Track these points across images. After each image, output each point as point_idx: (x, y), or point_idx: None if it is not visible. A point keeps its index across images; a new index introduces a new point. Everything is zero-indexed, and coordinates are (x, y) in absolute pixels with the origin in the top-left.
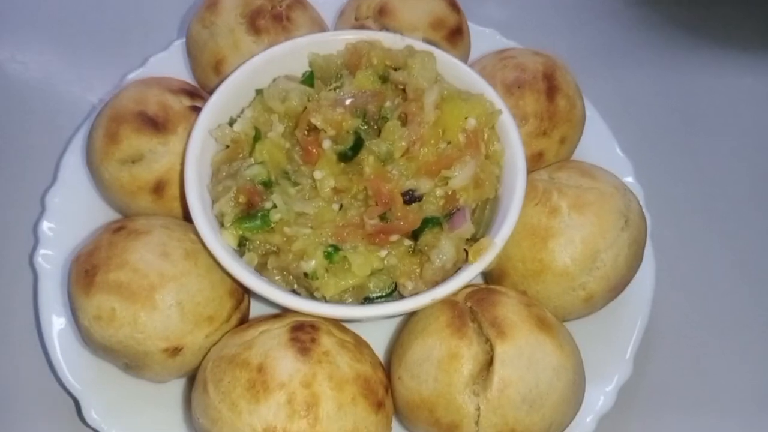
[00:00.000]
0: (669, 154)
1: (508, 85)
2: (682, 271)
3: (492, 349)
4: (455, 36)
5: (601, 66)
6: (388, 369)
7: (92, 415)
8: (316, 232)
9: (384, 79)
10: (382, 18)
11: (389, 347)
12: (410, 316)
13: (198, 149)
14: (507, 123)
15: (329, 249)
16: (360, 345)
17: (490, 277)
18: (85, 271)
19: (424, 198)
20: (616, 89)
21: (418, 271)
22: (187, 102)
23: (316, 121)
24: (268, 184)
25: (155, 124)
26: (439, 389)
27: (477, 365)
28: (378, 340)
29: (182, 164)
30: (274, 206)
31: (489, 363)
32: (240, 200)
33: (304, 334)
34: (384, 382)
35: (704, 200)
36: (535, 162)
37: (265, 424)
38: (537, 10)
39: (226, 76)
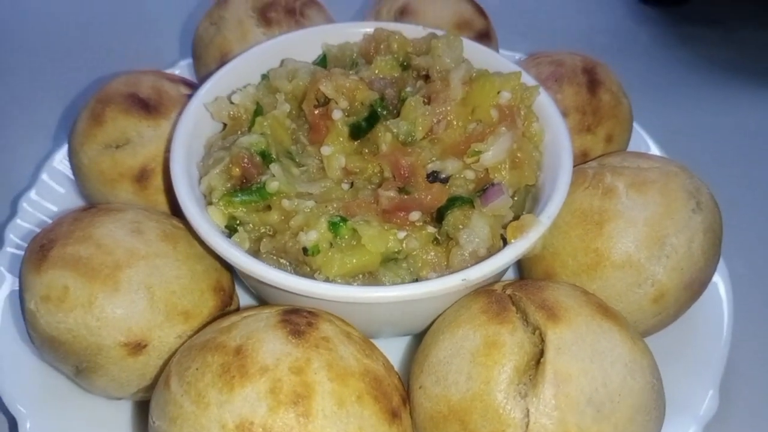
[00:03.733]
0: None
1: (544, 80)
2: (759, 303)
3: (542, 338)
4: (483, 40)
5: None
6: (406, 386)
7: None
8: (321, 206)
9: (404, 66)
10: (404, 18)
11: (405, 370)
12: (431, 324)
13: (191, 123)
14: (546, 104)
15: (335, 219)
16: (369, 343)
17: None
18: (40, 247)
19: (450, 180)
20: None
21: (444, 261)
22: (184, 91)
23: (326, 89)
24: (267, 157)
25: (146, 106)
26: (474, 390)
27: (523, 356)
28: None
29: (170, 138)
30: (273, 177)
31: (539, 355)
32: (233, 173)
33: (299, 317)
34: (400, 391)
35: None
36: (579, 162)
37: (238, 418)
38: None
39: (232, 58)
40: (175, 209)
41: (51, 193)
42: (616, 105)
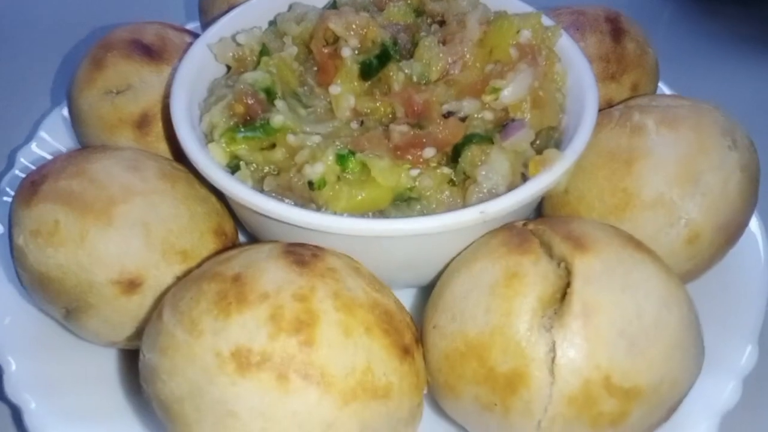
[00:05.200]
0: None
1: (565, 29)
2: None
3: (568, 269)
4: None
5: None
6: (419, 330)
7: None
8: (328, 140)
9: (418, 13)
10: None
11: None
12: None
13: (194, 64)
14: (568, 46)
15: (343, 151)
16: (379, 280)
17: None
18: (32, 182)
19: (467, 121)
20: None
21: (460, 201)
22: (189, 40)
23: (336, 26)
24: (272, 95)
25: (149, 52)
26: (493, 324)
27: (548, 287)
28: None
29: (171, 79)
30: (278, 112)
31: (565, 288)
32: (236, 110)
33: (304, 249)
34: (413, 329)
35: None
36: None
37: (234, 344)
38: None
39: (240, 4)
40: (177, 155)
41: (49, 147)
42: (642, 54)
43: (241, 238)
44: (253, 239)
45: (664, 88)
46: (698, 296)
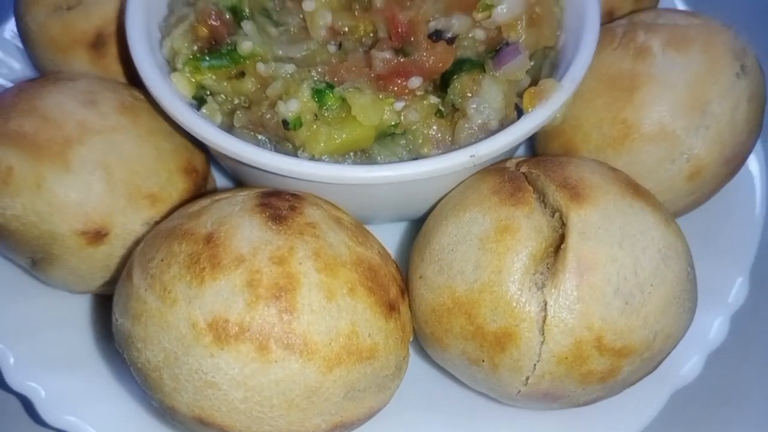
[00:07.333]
0: None
1: None
2: None
3: (563, 221)
4: None
5: None
6: (405, 276)
7: None
8: (303, 71)
9: None
10: None
11: (404, 258)
12: (436, 204)
13: None
14: None
15: (320, 86)
16: (363, 229)
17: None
18: None
19: (457, 41)
20: None
21: (449, 137)
22: None
23: None
24: (239, 14)
25: None
26: (483, 281)
27: (541, 242)
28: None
29: None
30: (245, 36)
31: (559, 242)
32: (200, 33)
33: (280, 200)
34: (398, 281)
35: None
36: (605, 22)
37: (210, 314)
38: None
39: None
40: (136, 79)
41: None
42: None
43: (214, 174)
44: (226, 172)
45: None
46: (690, 226)
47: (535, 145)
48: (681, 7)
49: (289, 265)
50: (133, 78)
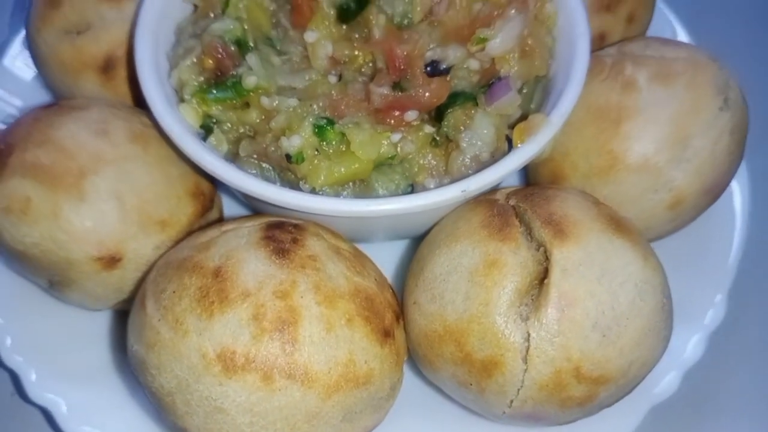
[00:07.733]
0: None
1: None
2: None
3: (547, 256)
4: None
5: None
6: (400, 299)
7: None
8: (305, 104)
9: None
10: None
11: (401, 273)
12: (429, 230)
13: (157, 3)
14: None
15: (321, 122)
16: (361, 257)
17: (538, 183)
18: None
19: (452, 72)
20: None
21: (443, 166)
22: None
23: None
24: (243, 46)
25: None
26: (471, 312)
27: (526, 277)
28: (385, 269)
29: (134, 21)
30: (250, 70)
31: (543, 275)
32: (206, 65)
33: (283, 233)
34: (393, 307)
35: None
36: (597, 47)
37: (219, 345)
38: None
39: None
40: (144, 102)
41: (14, 83)
42: None
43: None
44: (231, 192)
45: (663, 9)
46: (671, 247)
47: (526, 171)
48: (679, 30)
49: (292, 299)
50: (141, 101)
